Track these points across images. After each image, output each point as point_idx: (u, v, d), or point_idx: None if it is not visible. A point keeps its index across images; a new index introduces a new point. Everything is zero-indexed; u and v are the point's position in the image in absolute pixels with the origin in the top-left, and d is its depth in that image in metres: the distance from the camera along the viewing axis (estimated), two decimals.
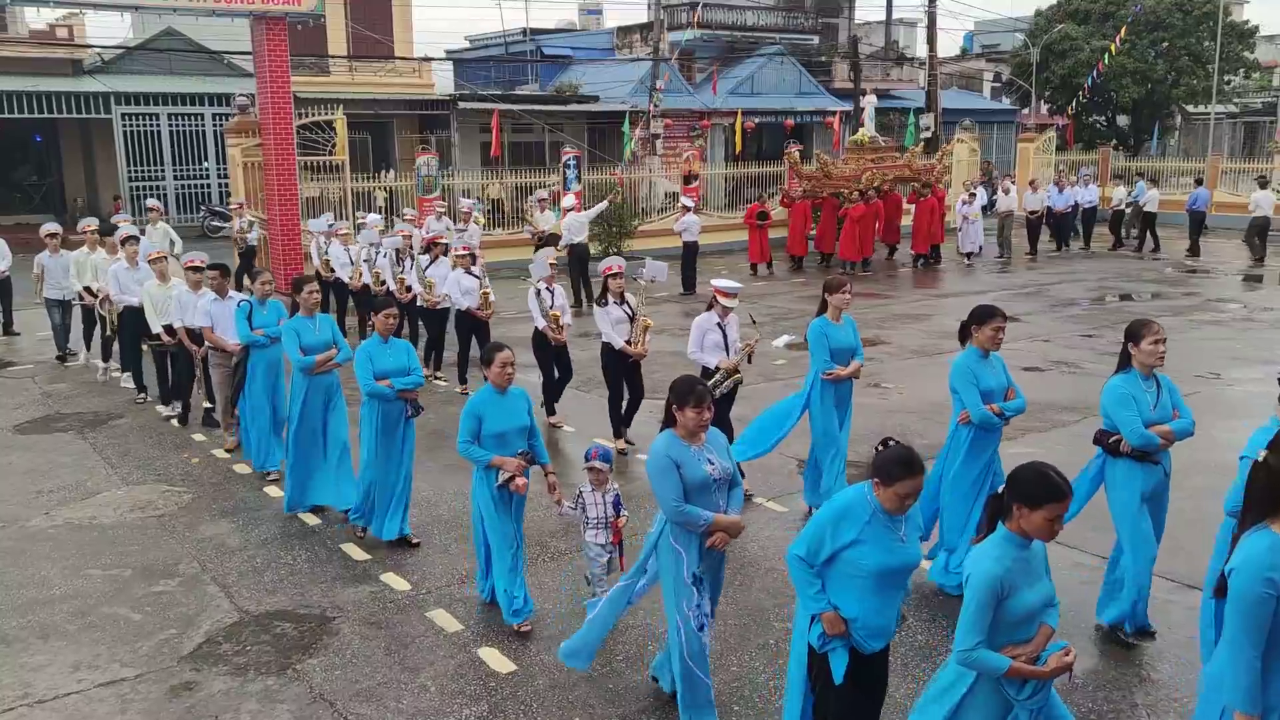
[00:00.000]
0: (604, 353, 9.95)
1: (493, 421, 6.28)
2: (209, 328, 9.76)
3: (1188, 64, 38.62)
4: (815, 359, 8.00)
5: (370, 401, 7.50)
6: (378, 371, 7.45)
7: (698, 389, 5.09)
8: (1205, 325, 15.86)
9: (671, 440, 5.11)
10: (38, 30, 33.13)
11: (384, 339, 7.61)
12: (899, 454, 4.30)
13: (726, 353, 8.64)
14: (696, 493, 5.04)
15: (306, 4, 18.98)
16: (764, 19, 41.73)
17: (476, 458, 6.31)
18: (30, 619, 6.66)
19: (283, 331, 8.34)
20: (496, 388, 6.36)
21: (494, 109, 29.82)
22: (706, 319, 8.71)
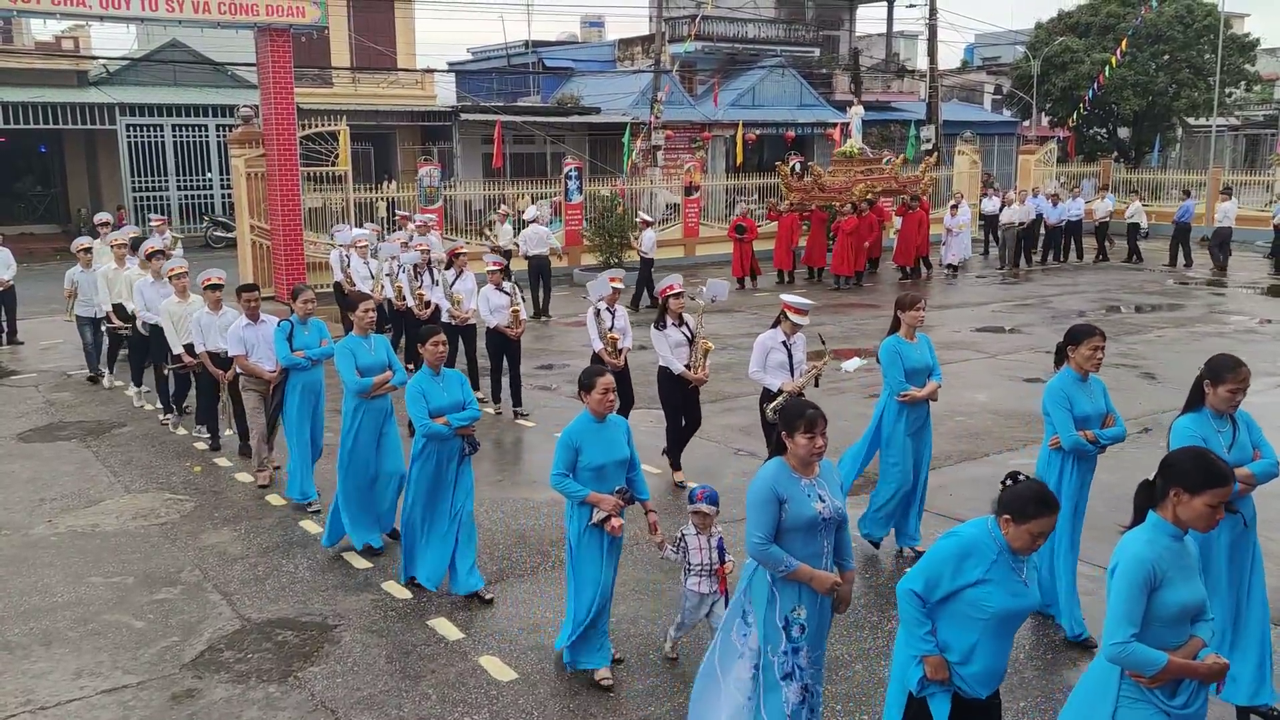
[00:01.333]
0: (661, 378, 9.30)
1: (591, 453, 5.75)
2: (242, 355, 9.10)
3: (1189, 76, 38.67)
4: (888, 380, 7.50)
5: (424, 441, 6.88)
6: (433, 409, 6.81)
7: (809, 412, 4.60)
8: (1207, 337, 15.86)
9: (781, 471, 4.63)
10: (43, 41, 33.28)
11: (435, 371, 6.97)
12: (1034, 490, 3.99)
13: (791, 374, 8.12)
14: (801, 534, 4.58)
15: (310, 16, 19.06)
16: (765, 31, 41.87)
17: (571, 493, 5.78)
18: (33, 626, 6.68)
19: (337, 351, 7.71)
20: (595, 416, 5.82)
21: (496, 120, 29.91)
22: (770, 337, 8.18)
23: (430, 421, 6.77)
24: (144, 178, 30.16)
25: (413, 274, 13.07)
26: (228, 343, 9.24)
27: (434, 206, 22.58)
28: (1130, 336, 15.83)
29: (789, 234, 22.83)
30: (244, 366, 9.18)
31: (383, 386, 7.70)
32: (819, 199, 23.82)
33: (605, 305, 9.93)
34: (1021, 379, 13.21)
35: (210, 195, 31.23)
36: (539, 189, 26.47)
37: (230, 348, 9.19)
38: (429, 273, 13.01)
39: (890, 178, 25.00)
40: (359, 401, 7.63)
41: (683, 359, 9.09)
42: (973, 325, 16.99)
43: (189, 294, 10.41)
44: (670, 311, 9.14)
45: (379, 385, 7.67)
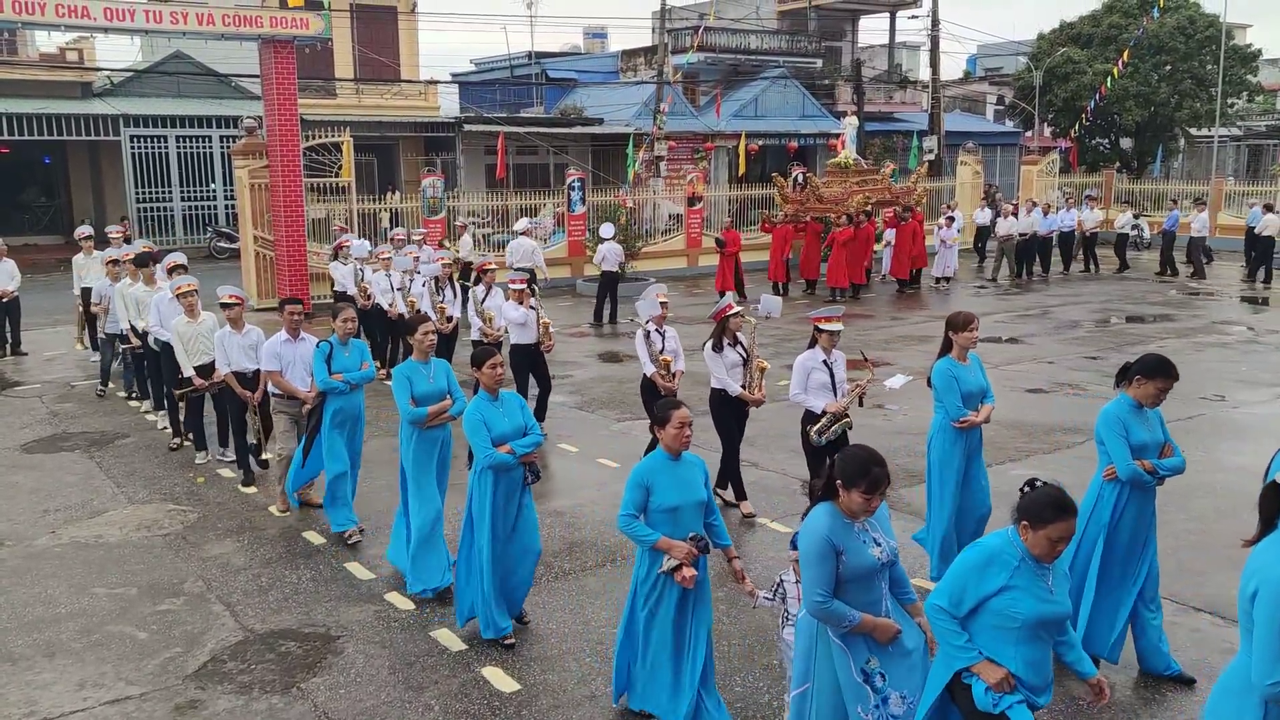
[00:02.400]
0: (714, 402, 8.81)
1: (665, 493, 5.28)
2: (277, 371, 8.64)
3: (1191, 87, 38.74)
4: (943, 405, 7.09)
5: (484, 473, 6.34)
6: (495, 436, 6.29)
7: (874, 471, 4.29)
8: (1210, 348, 15.87)
9: (834, 518, 4.37)
10: (48, 53, 33.45)
11: (493, 395, 6.44)
12: (1050, 495, 3.95)
13: (834, 394, 7.79)
14: (859, 582, 4.36)
15: (314, 27, 19.15)
16: (767, 42, 42.00)
17: (641, 536, 5.28)
18: (36, 637, 6.68)
19: (393, 378, 7.15)
20: (670, 452, 5.35)
21: (499, 131, 30.00)
22: (810, 357, 7.84)
23: (494, 450, 6.25)
24: (148, 189, 30.26)
25: (434, 287, 12.72)
26: (263, 358, 8.75)
27: (437, 217, 22.65)
28: (1133, 347, 15.82)
29: (783, 246, 22.61)
30: (279, 384, 8.66)
31: (440, 416, 7.16)
32: (814, 210, 23.64)
33: (655, 327, 9.43)
34: (1024, 390, 13.21)
35: (214, 206, 31.32)
36: (542, 200, 26.54)
37: (264, 363, 8.73)
38: (450, 286, 12.73)
39: (884, 188, 24.86)
40: (414, 431, 7.12)
41: (738, 379, 8.70)
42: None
43: (198, 312, 10.07)
44: (727, 331, 8.69)
45: (435, 415, 7.12)
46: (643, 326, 9.45)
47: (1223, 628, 6.59)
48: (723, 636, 6.53)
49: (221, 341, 9.31)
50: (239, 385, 9.30)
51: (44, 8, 16.70)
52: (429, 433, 7.14)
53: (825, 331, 7.78)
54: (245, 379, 9.31)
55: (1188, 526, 8.27)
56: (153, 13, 17.82)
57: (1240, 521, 8.33)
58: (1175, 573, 7.20)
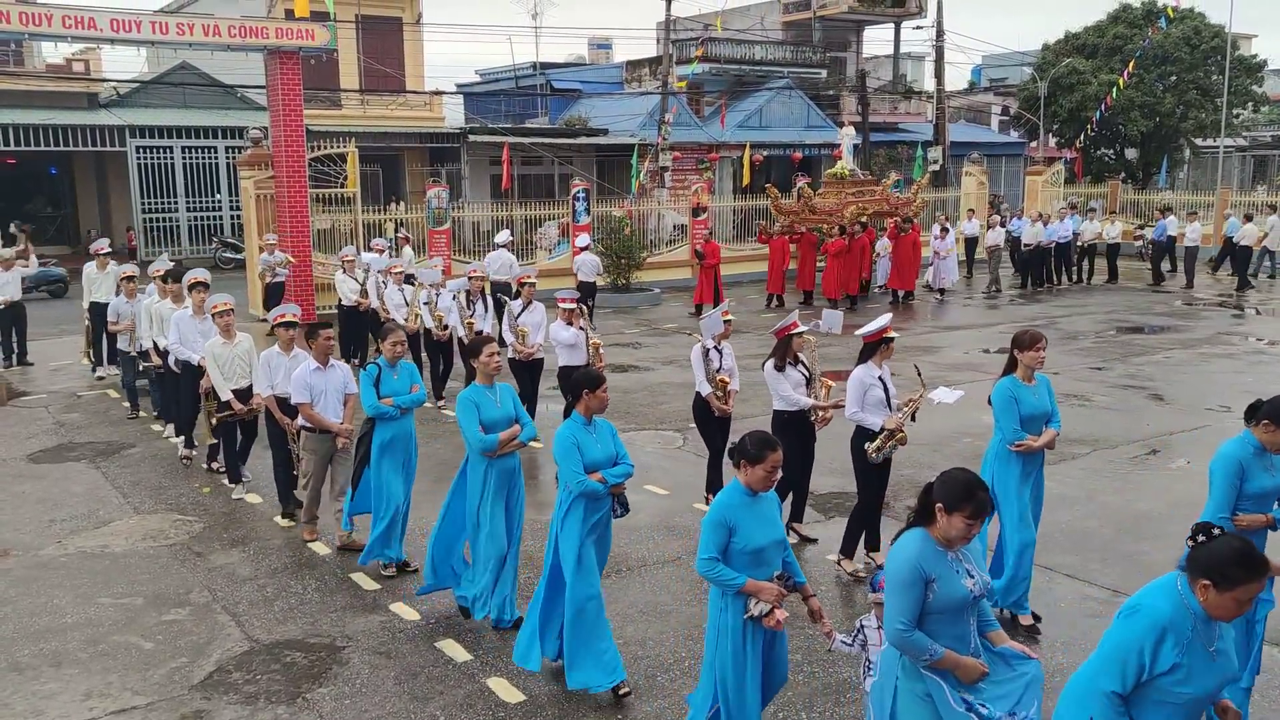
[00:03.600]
0: (777, 424, 8.24)
1: (748, 533, 4.87)
2: (307, 403, 8.06)
3: (1196, 98, 38.74)
4: (1001, 427, 6.71)
5: (578, 503, 5.96)
6: (587, 463, 5.93)
7: (979, 495, 4.04)
8: (1216, 358, 15.85)
9: (926, 546, 4.11)
10: (54, 64, 33.60)
11: (588, 419, 6.09)
12: (1240, 550, 3.50)
13: (889, 410, 7.48)
14: (948, 616, 4.08)
15: (319, 38, 19.22)
16: (772, 53, 42.07)
17: (726, 581, 4.87)
18: (42, 647, 6.69)
19: (459, 403, 6.65)
20: (751, 490, 4.95)
21: (504, 142, 30.07)
22: (866, 373, 7.48)
23: (587, 478, 5.89)
24: (154, 199, 30.34)
25: (464, 302, 12.35)
26: (293, 389, 8.17)
27: (442, 228, 22.68)
28: (1138, 358, 15.82)
29: (781, 257, 22.45)
30: (309, 417, 8.12)
31: (511, 444, 6.70)
32: (809, 221, 23.47)
33: (715, 344, 8.98)
34: None
35: (220, 216, 31.40)
36: (547, 210, 26.60)
37: (295, 394, 8.12)
38: (481, 300, 12.41)
39: (882, 199, 24.74)
40: (486, 464, 6.65)
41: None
42: (981, 346, 16.99)
43: (234, 332, 9.49)
44: (790, 350, 8.28)
45: (506, 443, 6.66)
46: (702, 343, 8.99)
47: None
48: None
49: (268, 362, 8.72)
50: (280, 411, 8.69)
51: (50, 19, 16.78)
52: (499, 462, 6.68)
53: (887, 342, 7.50)
54: (288, 405, 8.64)
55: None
56: (159, 24, 17.90)
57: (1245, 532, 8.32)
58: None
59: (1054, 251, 25.21)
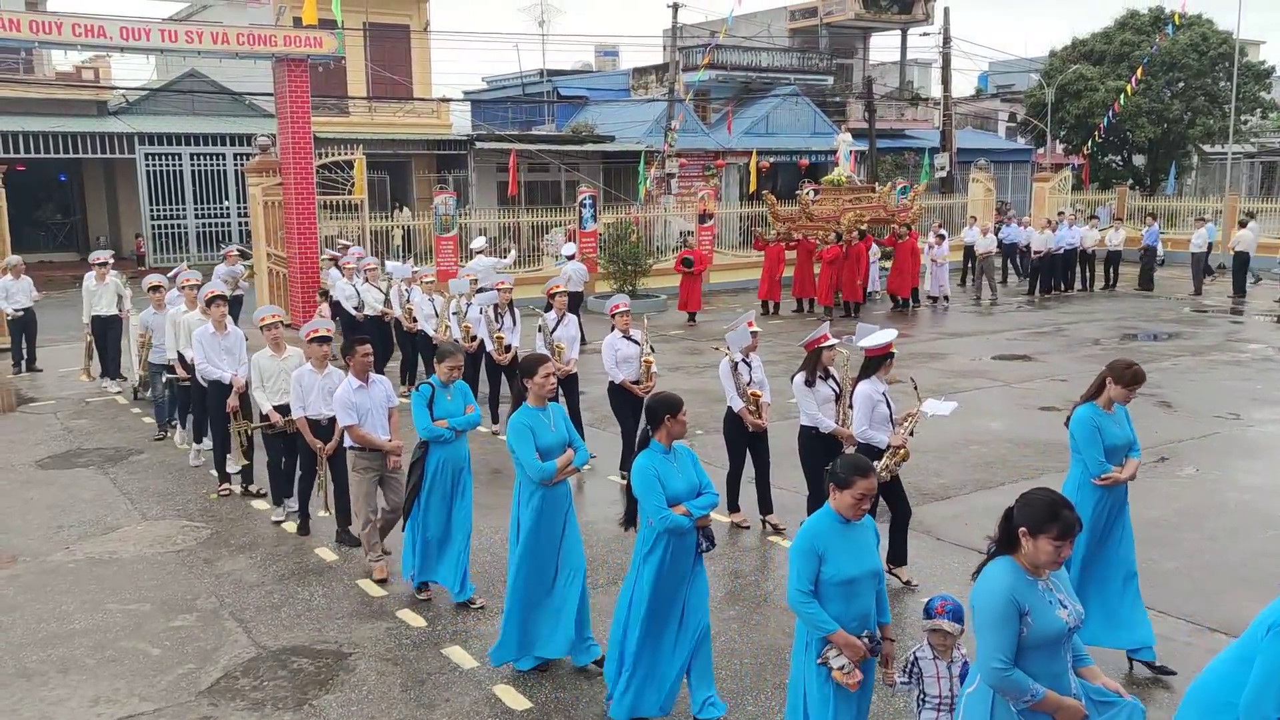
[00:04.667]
0: (804, 440, 8.13)
1: (839, 562, 4.54)
2: (354, 424, 7.65)
3: (1204, 104, 38.68)
4: (1083, 457, 6.32)
5: (657, 540, 5.51)
6: (669, 495, 5.48)
7: (1064, 514, 3.85)
8: (1224, 365, 15.81)
9: (1017, 575, 3.88)
10: (64, 72, 33.73)
11: (668, 447, 5.63)
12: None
13: (892, 428, 7.38)
14: (1044, 651, 3.85)
15: (328, 46, 19.29)
16: (778, 60, 42.10)
17: (819, 623, 4.50)
18: (50, 653, 6.71)
19: (511, 428, 6.19)
20: (842, 517, 4.62)
21: (511, 149, 30.12)
22: (872, 389, 7.36)
23: (670, 512, 5.43)
24: (162, 206, 30.43)
25: (492, 315, 11.99)
26: (336, 409, 7.77)
27: (449, 235, 22.73)
28: (1146, 365, 15.72)
29: (776, 265, 22.28)
30: (358, 437, 7.68)
31: (566, 470, 6.27)
32: (805, 229, 23.26)
33: (743, 357, 8.68)
34: (1037, 408, 13.17)
35: (227, 223, 31.48)
36: (554, 217, 26.64)
37: (340, 416, 7.70)
38: (509, 313, 12.05)
39: (879, 206, 24.54)
40: (538, 489, 6.18)
41: (831, 416, 8.04)
42: (989, 353, 16.97)
43: (284, 346, 9.04)
44: (820, 364, 8.06)
45: (563, 469, 6.23)
46: (729, 356, 8.66)
47: None
48: (734, 656, 6.52)
49: (299, 381, 8.31)
50: (310, 433, 8.36)
51: (60, 27, 16.86)
52: (553, 491, 6.21)
53: (890, 358, 7.38)
54: (320, 427, 8.35)
55: (1201, 545, 8.23)
56: (168, 32, 17.99)
57: (1255, 540, 8.30)
58: (1190, 592, 7.17)
59: (1062, 258, 25.16)
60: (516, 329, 12.08)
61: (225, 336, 9.84)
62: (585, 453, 6.48)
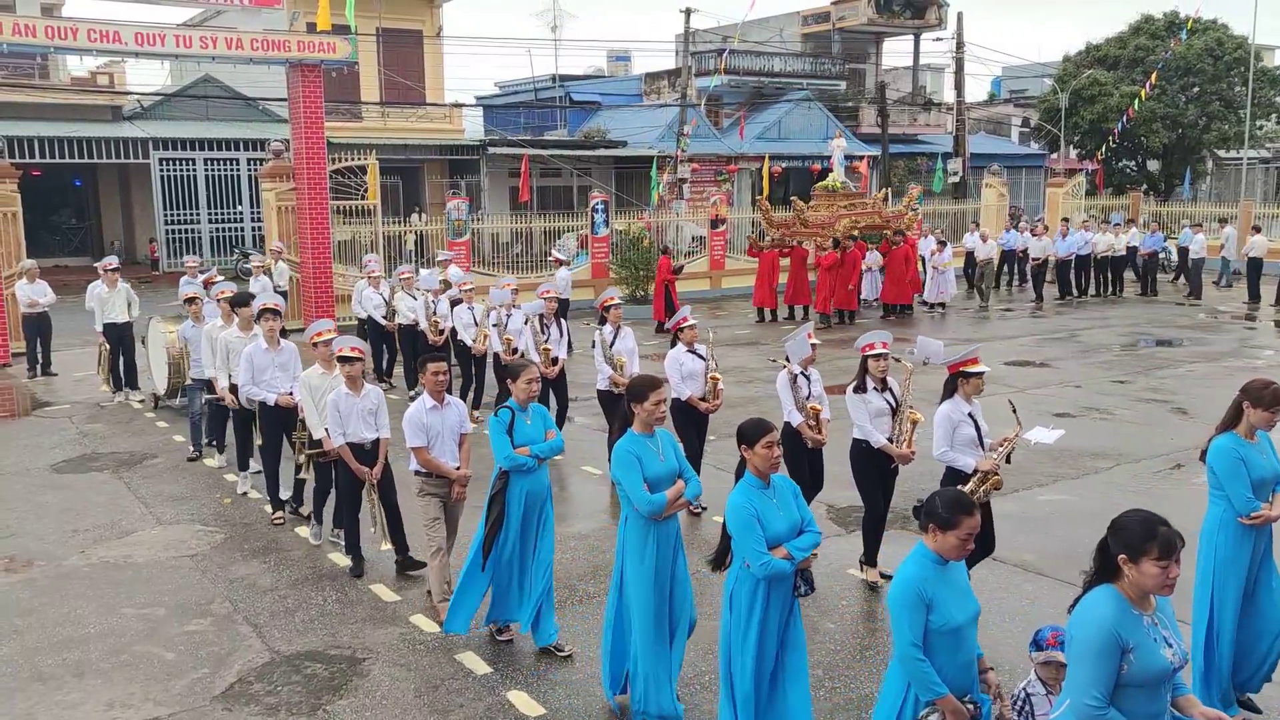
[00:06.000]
0: (856, 455, 7.67)
1: (947, 610, 4.15)
2: (423, 447, 7.06)
3: (1219, 109, 38.55)
4: (1230, 495, 5.67)
5: (758, 584, 4.97)
6: (769, 536, 4.94)
7: (1162, 531, 3.61)
8: (1241, 373, 15.72)
9: (1123, 610, 3.62)
10: (79, 77, 33.92)
11: (765, 480, 5.11)
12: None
13: (981, 451, 6.84)
14: (1144, 689, 3.60)
15: (341, 51, 19.35)
16: (791, 65, 42.09)
17: (932, 684, 4.11)
18: (65, 657, 6.73)
19: (618, 456, 5.63)
20: (941, 558, 4.23)
21: (523, 154, 30.17)
22: (954, 408, 6.88)
23: (771, 557, 4.88)
24: (176, 211, 30.57)
25: (538, 326, 11.40)
26: (406, 429, 7.10)
27: (462, 239, 22.77)
28: (1160, 371, 15.72)
29: (770, 271, 22.00)
30: (425, 462, 7.08)
31: (678, 503, 5.67)
32: (800, 235, 23.10)
33: (801, 369, 8.24)
34: (1051, 414, 13.11)
35: (241, 228, 31.60)
36: (565, 222, 26.68)
37: (409, 437, 7.06)
38: (556, 324, 11.50)
39: (875, 212, 24.42)
40: (648, 526, 5.60)
41: (884, 430, 7.53)
42: (1002, 359, 16.91)
43: (335, 363, 8.16)
44: (870, 374, 7.59)
45: (674, 502, 5.63)
46: (788, 368, 8.22)
47: None
48: None
49: (336, 405, 7.71)
50: (355, 460, 7.78)
51: (76, 32, 16.96)
52: (663, 526, 5.63)
53: (972, 376, 6.89)
54: (363, 451, 7.83)
55: None
56: (183, 37, 18.08)
57: None
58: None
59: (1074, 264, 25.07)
60: (563, 340, 11.50)
61: (279, 352, 9.15)
62: (698, 484, 5.89)
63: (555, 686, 6.25)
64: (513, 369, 6.81)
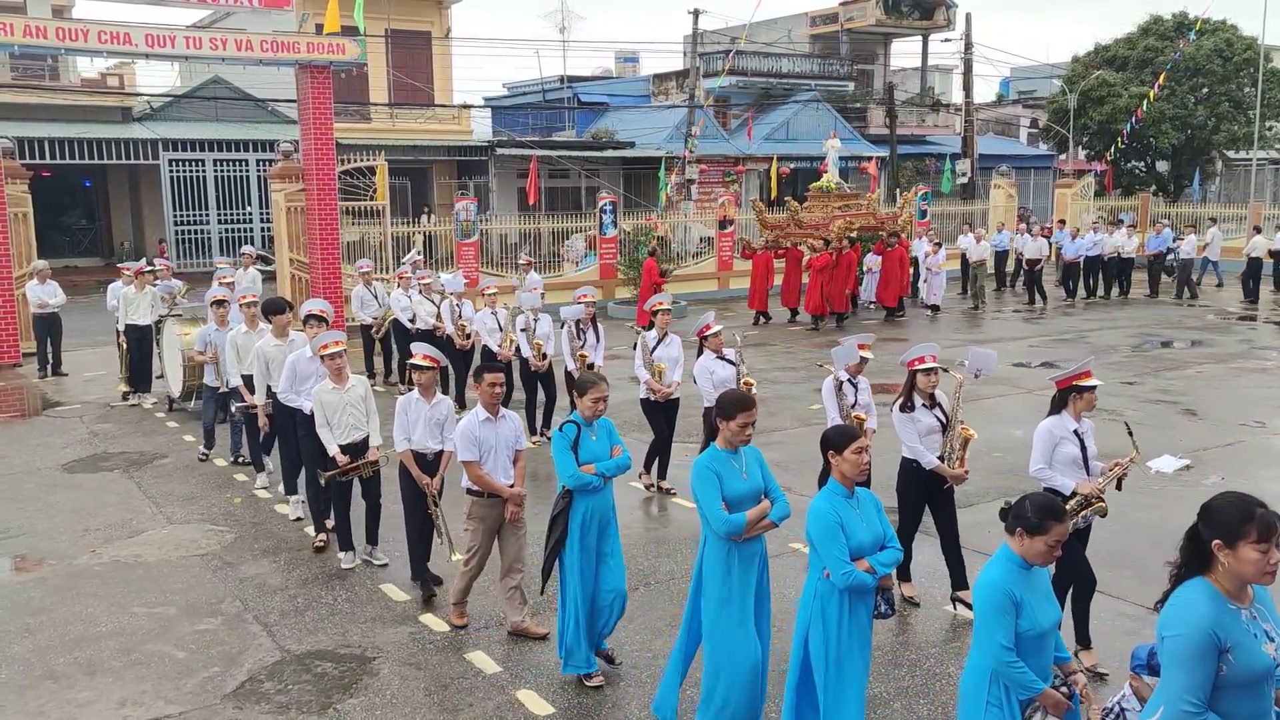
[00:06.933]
0: (904, 475, 7.30)
1: (1034, 614, 4.10)
2: (474, 462, 6.70)
3: (1228, 110, 38.45)
4: None
5: (835, 597, 4.82)
6: (853, 547, 4.78)
7: (1260, 512, 3.39)
8: (1250, 373, 15.69)
9: (1217, 604, 3.41)
10: (89, 79, 34.07)
11: (850, 491, 4.92)
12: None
13: (1086, 471, 6.48)
14: (1244, 690, 3.38)
15: (350, 53, 19.39)
16: (799, 65, 42.13)
17: (1027, 682, 4.04)
18: (77, 655, 6.76)
19: (697, 473, 5.30)
20: (1026, 562, 4.13)
21: (531, 155, 30.20)
22: (1057, 424, 6.50)
23: (854, 568, 4.74)
24: (186, 211, 30.67)
25: (574, 331, 11.10)
26: (457, 444, 6.76)
27: (470, 240, 22.81)
28: (1170, 373, 15.69)
29: (764, 273, 21.88)
30: (477, 479, 6.71)
31: (761, 524, 5.31)
32: (794, 236, 22.93)
33: (848, 377, 7.96)
34: None
35: (250, 229, 31.68)
36: (574, 223, 26.71)
37: (460, 450, 6.71)
38: (592, 329, 11.23)
39: (869, 214, 24.27)
40: (728, 547, 5.26)
41: (934, 449, 7.16)
42: (1010, 360, 16.89)
43: (346, 376, 8.15)
44: (919, 390, 7.22)
45: (755, 522, 5.27)
46: (834, 374, 7.95)
47: None
48: None
49: (405, 410, 7.44)
50: (418, 467, 7.46)
51: (86, 34, 17.04)
52: (745, 548, 5.29)
53: (1084, 391, 6.49)
54: (425, 461, 7.49)
55: None
56: (193, 39, 18.13)
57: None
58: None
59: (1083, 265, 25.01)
60: (600, 345, 11.21)
61: (316, 360, 8.61)
62: (785, 504, 5.41)
63: (565, 686, 6.26)
64: (581, 384, 6.41)
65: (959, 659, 6.42)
